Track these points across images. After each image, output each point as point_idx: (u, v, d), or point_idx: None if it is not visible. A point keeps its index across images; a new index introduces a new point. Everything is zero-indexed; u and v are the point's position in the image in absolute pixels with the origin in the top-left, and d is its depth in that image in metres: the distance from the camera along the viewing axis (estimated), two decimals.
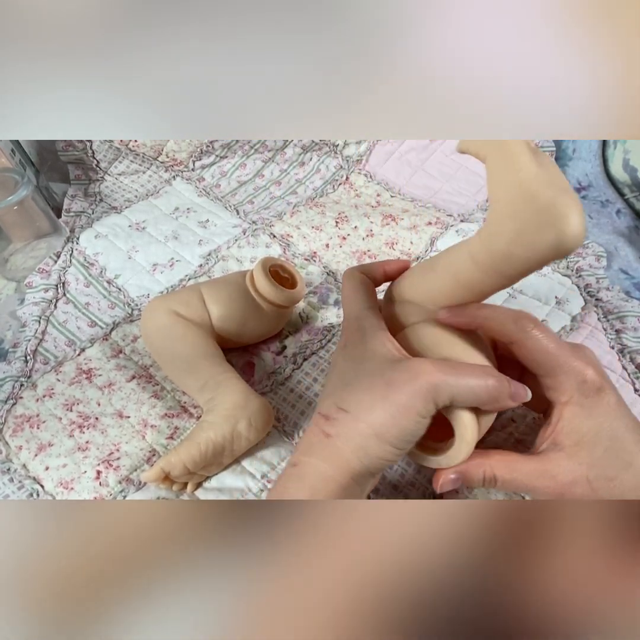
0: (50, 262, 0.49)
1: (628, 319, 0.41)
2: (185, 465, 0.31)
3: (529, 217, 0.19)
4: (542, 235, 0.19)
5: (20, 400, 0.38)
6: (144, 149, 0.59)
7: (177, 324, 0.37)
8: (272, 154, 0.61)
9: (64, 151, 0.58)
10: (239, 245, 0.51)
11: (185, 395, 0.38)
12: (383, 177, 0.59)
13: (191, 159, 0.61)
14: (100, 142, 0.59)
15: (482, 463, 0.24)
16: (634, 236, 0.51)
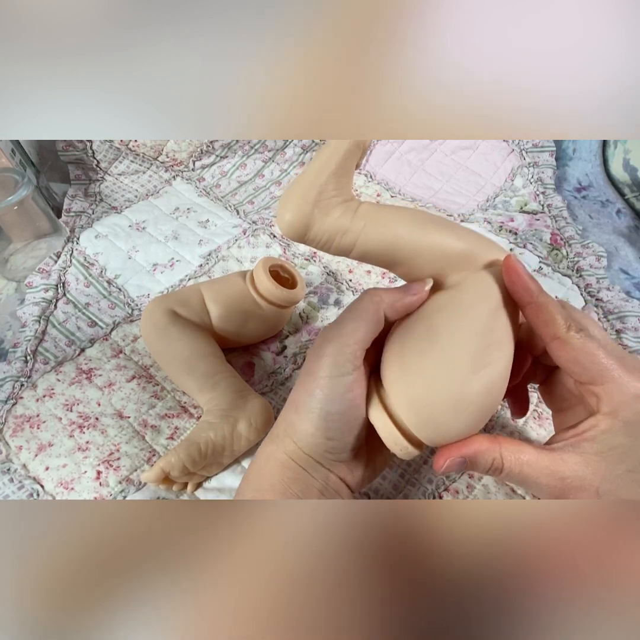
0: (51, 262, 0.49)
1: (628, 319, 0.41)
2: (185, 466, 0.31)
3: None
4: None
5: (21, 400, 0.38)
6: (144, 149, 0.59)
7: (177, 324, 0.37)
8: (272, 154, 0.61)
9: (64, 151, 0.58)
10: (239, 245, 0.51)
11: (185, 395, 0.38)
12: (383, 177, 0.59)
13: (191, 159, 0.61)
14: (100, 142, 0.59)
15: (493, 450, 0.23)
16: (634, 236, 0.51)
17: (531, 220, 0.53)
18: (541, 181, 0.56)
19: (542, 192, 0.55)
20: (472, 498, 0.32)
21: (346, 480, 0.26)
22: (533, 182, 0.56)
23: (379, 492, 0.32)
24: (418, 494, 0.32)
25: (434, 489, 0.32)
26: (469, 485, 0.32)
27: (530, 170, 0.57)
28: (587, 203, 0.56)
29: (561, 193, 0.56)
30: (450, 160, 0.59)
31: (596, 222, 0.53)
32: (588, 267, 0.46)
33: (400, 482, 0.33)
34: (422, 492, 0.32)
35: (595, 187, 0.57)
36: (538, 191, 0.55)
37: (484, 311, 0.23)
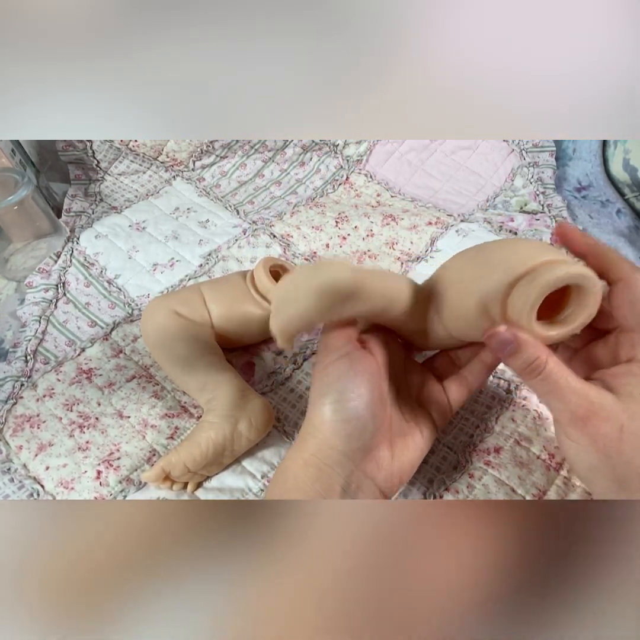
0: (51, 262, 0.49)
1: None
2: (186, 465, 0.31)
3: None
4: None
5: (21, 400, 0.38)
6: (144, 149, 0.59)
7: (177, 324, 0.37)
8: (272, 154, 0.61)
9: (64, 151, 0.58)
10: (239, 245, 0.51)
11: (186, 395, 0.38)
12: (383, 177, 0.59)
13: (191, 159, 0.61)
14: (100, 142, 0.59)
15: (543, 351, 0.23)
16: (634, 236, 0.51)
17: (531, 220, 0.53)
18: (541, 181, 0.56)
19: (542, 192, 0.55)
20: (472, 498, 0.32)
21: (373, 476, 0.25)
22: (533, 182, 0.56)
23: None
24: (418, 494, 0.32)
25: (435, 488, 0.32)
26: (469, 485, 0.32)
27: (530, 170, 0.57)
28: (587, 203, 0.56)
29: (561, 193, 0.56)
30: (450, 160, 0.59)
31: (596, 222, 0.53)
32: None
33: None
34: (422, 492, 0.32)
35: (595, 187, 0.57)
36: (538, 191, 0.55)
37: None
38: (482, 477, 0.33)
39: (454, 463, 0.33)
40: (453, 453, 0.34)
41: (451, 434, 0.35)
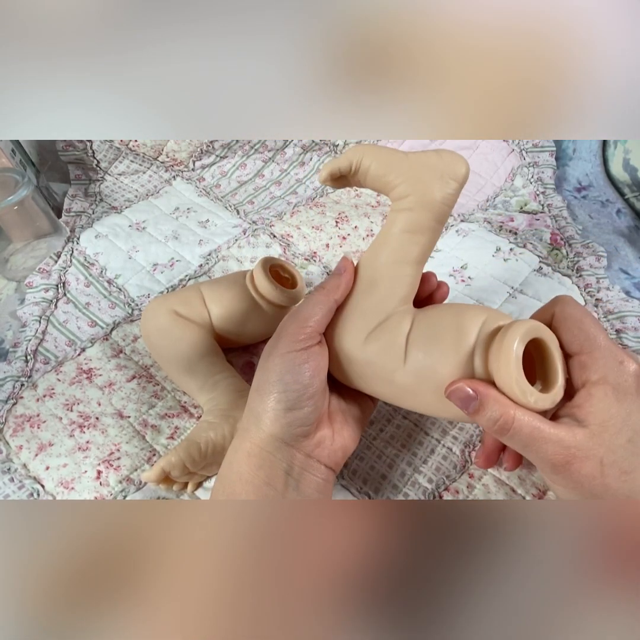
0: (51, 262, 0.49)
1: (628, 318, 0.41)
2: (186, 465, 0.31)
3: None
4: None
5: (21, 400, 0.38)
6: (144, 149, 0.59)
7: (177, 323, 0.37)
8: (272, 154, 0.61)
9: (64, 151, 0.58)
10: (239, 245, 0.51)
11: (186, 395, 0.38)
12: None
13: (191, 159, 0.61)
14: (100, 142, 0.59)
15: (508, 406, 0.22)
16: (634, 236, 0.51)
17: (531, 220, 0.53)
18: (541, 181, 0.56)
19: (542, 192, 0.55)
20: (472, 498, 0.32)
21: (316, 455, 0.26)
22: (533, 182, 0.56)
23: (378, 492, 0.32)
24: (418, 494, 0.32)
25: (434, 488, 0.32)
26: (469, 485, 0.32)
27: (530, 170, 0.57)
28: (587, 203, 0.56)
29: (561, 193, 0.56)
30: None
31: (596, 222, 0.53)
32: (588, 267, 0.46)
33: (401, 481, 0.33)
34: (422, 492, 0.32)
35: (595, 187, 0.57)
36: (538, 191, 0.55)
37: None
38: (482, 477, 0.33)
39: (454, 463, 0.33)
40: (453, 453, 0.34)
41: (451, 434, 0.35)
